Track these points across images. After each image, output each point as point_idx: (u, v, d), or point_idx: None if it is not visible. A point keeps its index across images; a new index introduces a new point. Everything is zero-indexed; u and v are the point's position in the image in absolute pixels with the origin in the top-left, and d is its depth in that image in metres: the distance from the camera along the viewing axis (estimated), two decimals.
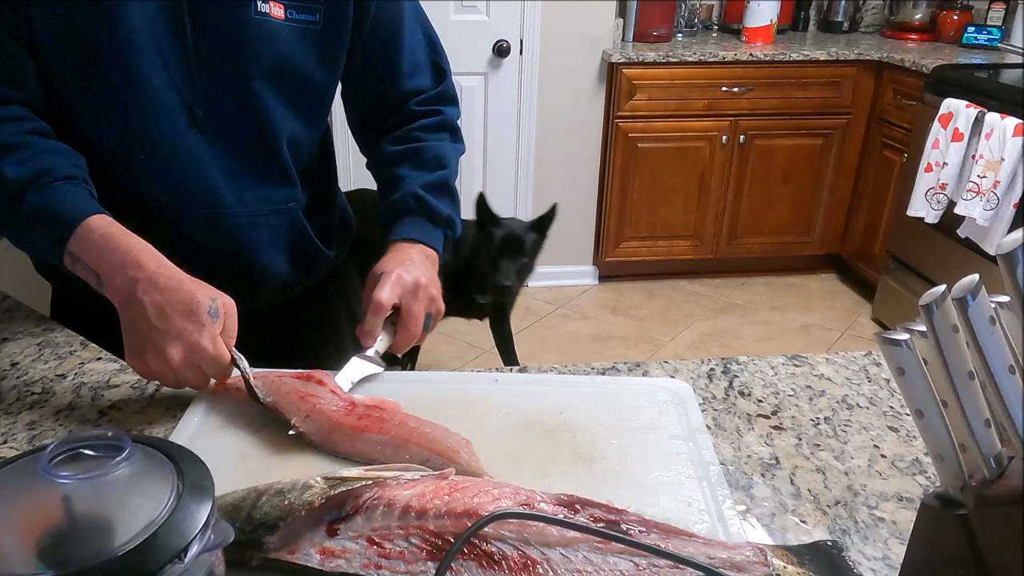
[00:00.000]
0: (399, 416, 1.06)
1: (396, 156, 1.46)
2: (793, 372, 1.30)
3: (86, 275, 1.14)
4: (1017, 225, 3.24)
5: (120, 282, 1.10)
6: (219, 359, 1.09)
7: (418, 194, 1.39)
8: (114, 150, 1.27)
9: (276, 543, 0.82)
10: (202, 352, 1.07)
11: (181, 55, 1.22)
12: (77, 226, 1.13)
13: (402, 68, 1.45)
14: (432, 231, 1.40)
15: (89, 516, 0.65)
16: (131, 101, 1.22)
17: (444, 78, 1.52)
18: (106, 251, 1.12)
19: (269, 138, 1.33)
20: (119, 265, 1.11)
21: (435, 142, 1.47)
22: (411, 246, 1.36)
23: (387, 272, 1.27)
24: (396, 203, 1.40)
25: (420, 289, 1.28)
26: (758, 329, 4.44)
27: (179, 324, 1.07)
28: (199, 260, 1.32)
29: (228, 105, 1.28)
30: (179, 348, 1.07)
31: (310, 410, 1.06)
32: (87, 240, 1.12)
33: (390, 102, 1.48)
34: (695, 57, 4.29)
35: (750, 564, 0.83)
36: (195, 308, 1.08)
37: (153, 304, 1.08)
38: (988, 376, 0.66)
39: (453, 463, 0.99)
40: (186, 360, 1.07)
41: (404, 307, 1.26)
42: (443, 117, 1.50)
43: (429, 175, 1.43)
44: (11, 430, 1.11)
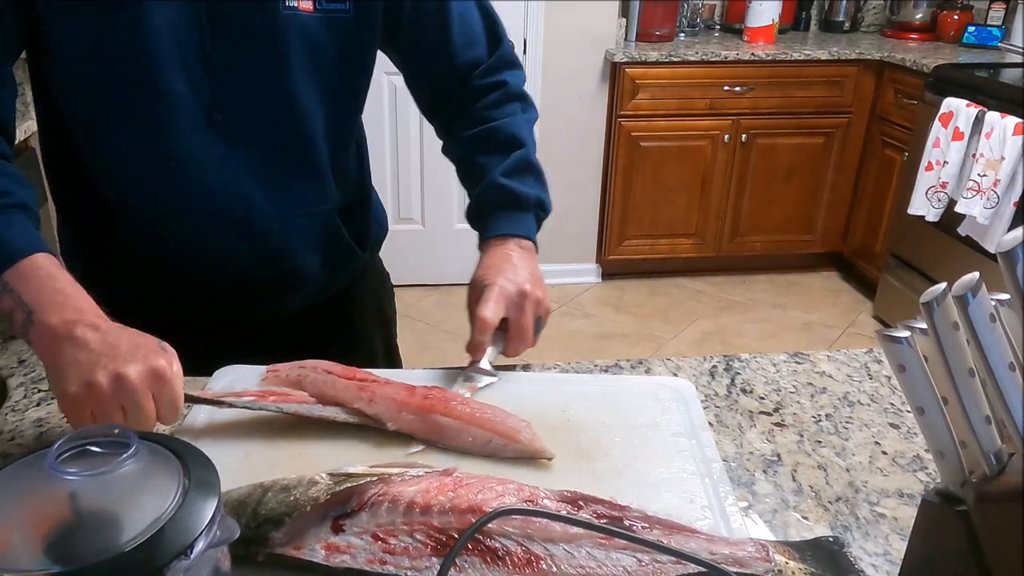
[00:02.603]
0: (458, 398, 1.09)
1: (470, 142, 1.42)
2: (795, 369, 1.30)
3: (12, 308, 1.03)
4: (1017, 223, 3.23)
5: (55, 321, 0.99)
6: (176, 386, 0.98)
7: (499, 183, 1.35)
8: (138, 159, 1.24)
9: (281, 539, 0.82)
10: (161, 373, 0.96)
11: (201, 59, 1.19)
12: (23, 258, 1.04)
13: (455, 42, 1.39)
14: (522, 219, 1.36)
15: (96, 512, 0.66)
16: (155, 110, 1.20)
17: (499, 44, 1.46)
18: (47, 290, 1.03)
19: (301, 137, 1.30)
20: (58, 305, 1.01)
21: (506, 119, 1.42)
22: (505, 242, 1.33)
23: (490, 284, 1.23)
24: (480, 198, 1.37)
25: (526, 298, 1.24)
26: (760, 327, 4.44)
27: (128, 349, 0.96)
28: (231, 266, 1.32)
29: (257, 106, 1.25)
30: (136, 367, 0.94)
31: (371, 395, 1.09)
32: (29, 274, 1.03)
33: (450, 80, 1.43)
34: (697, 56, 4.29)
35: (752, 560, 0.83)
36: (143, 341, 0.99)
37: (97, 339, 0.97)
38: (988, 373, 0.66)
39: (515, 443, 1.03)
40: (144, 380, 0.94)
41: (511, 320, 1.23)
42: (507, 88, 1.45)
43: (506, 159, 1.38)
44: (19, 427, 1.12)
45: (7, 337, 1.34)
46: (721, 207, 4.69)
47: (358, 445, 1.06)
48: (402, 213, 4.53)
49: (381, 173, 4.10)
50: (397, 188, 4.49)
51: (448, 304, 4.49)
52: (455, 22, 1.38)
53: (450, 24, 1.38)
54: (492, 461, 1.03)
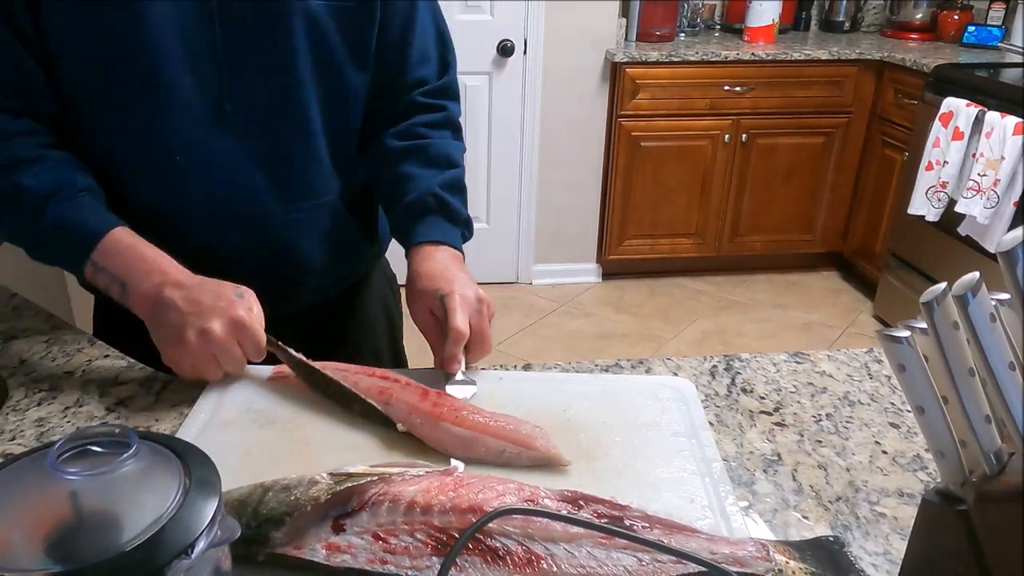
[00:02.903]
0: (469, 407, 1.08)
1: (400, 152, 1.40)
2: (795, 369, 1.30)
3: (108, 284, 1.17)
4: (1017, 223, 3.23)
5: (146, 287, 1.13)
6: (256, 330, 1.12)
7: (437, 193, 1.35)
8: (143, 157, 1.25)
9: (282, 538, 0.83)
10: (241, 322, 1.11)
11: (208, 52, 1.20)
12: (102, 237, 1.16)
13: (411, 55, 1.40)
14: (453, 231, 1.36)
15: (96, 512, 0.66)
16: (158, 103, 1.21)
17: (448, 71, 1.47)
18: (132, 260, 1.16)
19: (308, 128, 1.31)
20: (145, 272, 1.15)
21: (440, 139, 1.43)
22: (437, 249, 1.32)
23: (449, 294, 1.22)
24: (413, 203, 1.35)
25: (483, 304, 1.23)
26: (760, 326, 4.44)
27: (210, 304, 1.11)
28: (239, 260, 1.33)
29: (264, 98, 1.26)
30: (218, 322, 1.09)
31: (388, 398, 1.10)
32: (112, 250, 1.16)
33: (393, 90, 1.42)
34: (697, 56, 4.29)
35: (752, 559, 0.84)
36: (221, 292, 1.12)
37: (182, 297, 1.11)
38: (988, 373, 0.66)
39: (530, 450, 1.02)
40: (227, 332, 1.10)
41: (474, 327, 1.22)
42: (447, 113, 1.46)
43: (442, 173, 1.38)
44: (19, 427, 1.12)
45: (7, 337, 1.34)
46: (721, 207, 4.69)
47: (359, 446, 1.06)
48: None
49: None
50: None
51: None
52: (416, 35, 1.39)
53: (412, 35, 1.39)
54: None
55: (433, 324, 1.25)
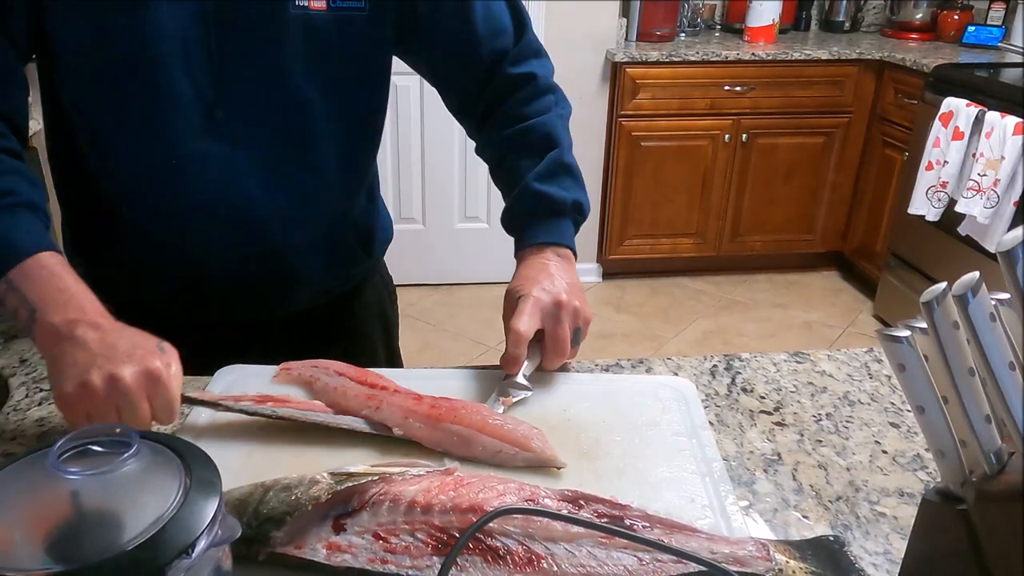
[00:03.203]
0: (469, 406, 1.07)
1: (505, 143, 1.38)
2: (795, 369, 1.30)
3: (16, 307, 1.04)
4: (1017, 223, 3.24)
5: (58, 319, 1.01)
6: (171, 388, 0.98)
7: (534, 190, 1.32)
8: (141, 159, 1.24)
9: (283, 538, 0.83)
10: (156, 374, 0.96)
11: (204, 58, 1.18)
12: (27, 256, 1.06)
13: (479, 32, 1.35)
14: (558, 225, 1.32)
15: (97, 512, 0.66)
16: (155, 106, 1.20)
17: (524, 32, 1.42)
18: (51, 289, 1.04)
19: (306, 137, 1.29)
20: (61, 304, 1.03)
21: (540, 118, 1.38)
22: (542, 251, 1.29)
23: (524, 296, 1.19)
24: (516, 206, 1.34)
25: (562, 308, 1.19)
26: (760, 326, 4.44)
27: (126, 350, 0.97)
28: (232, 265, 1.32)
29: (259, 105, 1.24)
30: (130, 369, 0.95)
31: (379, 403, 1.08)
32: (33, 273, 1.05)
33: (477, 72, 1.38)
34: (698, 56, 4.29)
35: (753, 559, 0.84)
36: (140, 341, 1.00)
37: (96, 338, 0.98)
38: (988, 373, 0.66)
39: (527, 451, 1.01)
40: (138, 382, 0.95)
41: (548, 331, 1.19)
42: (537, 81, 1.41)
43: (540, 161, 1.34)
44: (20, 427, 1.12)
45: (9, 337, 1.34)
46: (722, 207, 4.69)
47: (360, 445, 1.06)
48: (403, 213, 4.53)
49: (382, 173, 4.09)
50: (398, 188, 4.49)
51: (449, 304, 4.49)
52: (478, 11, 1.34)
53: (472, 13, 1.34)
54: None
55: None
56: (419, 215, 4.59)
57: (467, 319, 4.33)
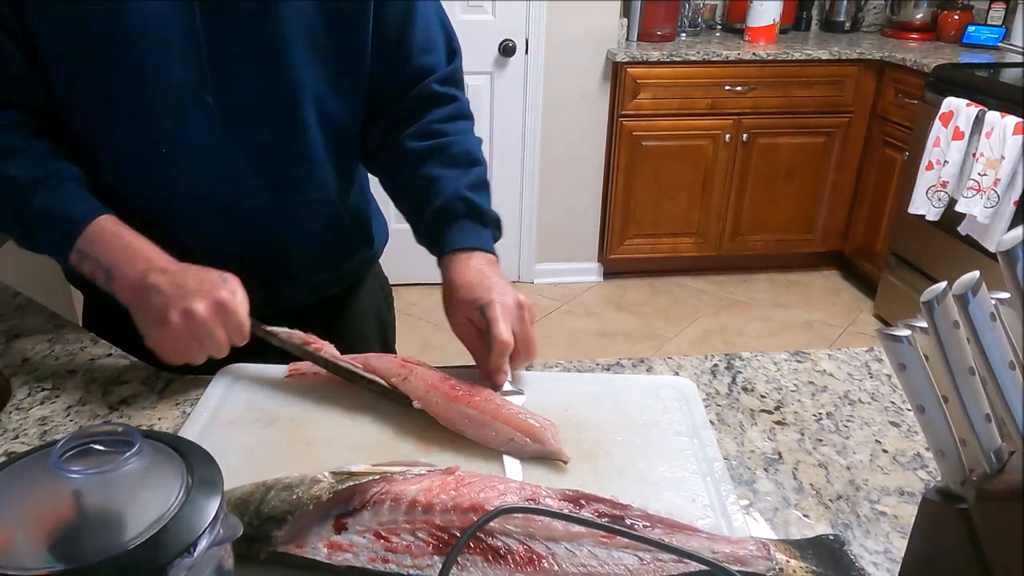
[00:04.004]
0: (486, 393, 1.10)
1: (421, 154, 1.36)
2: (796, 368, 1.30)
3: (93, 271, 1.16)
4: (1017, 223, 3.24)
5: (131, 273, 1.12)
6: (239, 312, 1.10)
7: (464, 196, 1.31)
8: (130, 149, 1.24)
9: (284, 537, 0.83)
10: (223, 303, 1.08)
11: (192, 45, 1.18)
12: (88, 224, 1.16)
13: (414, 43, 1.35)
14: (484, 233, 1.32)
15: (99, 510, 0.66)
16: (143, 96, 1.20)
17: (455, 58, 1.42)
18: (117, 247, 1.15)
19: (299, 123, 1.28)
20: (130, 259, 1.14)
21: (460, 136, 1.38)
22: (471, 256, 1.28)
23: (489, 303, 1.19)
24: (441, 209, 1.32)
25: (524, 309, 1.21)
26: (761, 325, 4.44)
27: (194, 286, 1.09)
28: (227, 252, 1.31)
29: (251, 92, 1.24)
30: (201, 303, 1.07)
31: (409, 373, 1.13)
32: (97, 237, 1.15)
33: (401, 82, 1.37)
34: (698, 56, 4.29)
35: (753, 558, 0.84)
36: (205, 276, 1.11)
37: (167, 281, 1.09)
38: (988, 372, 0.66)
39: (539, 442, 1.04)
40: (210, 312, 1.07)
41: (517, 334, 1.18)
42: (458, 104, 1.41)
43: (466, 173, 1.34)
44: (22, 426, 1.12)
45: (11, 336, 1.34)
46: (722, 206, 4.69)
47: (361, 444, 1.06)
48: None
49: None
50: None
51: None
52: (417, 24, 1.34)
53: (413, 24, 1.34)
54: (494, 461, 1.03)
55: (474, 334, 1.22)
56: None
57: None
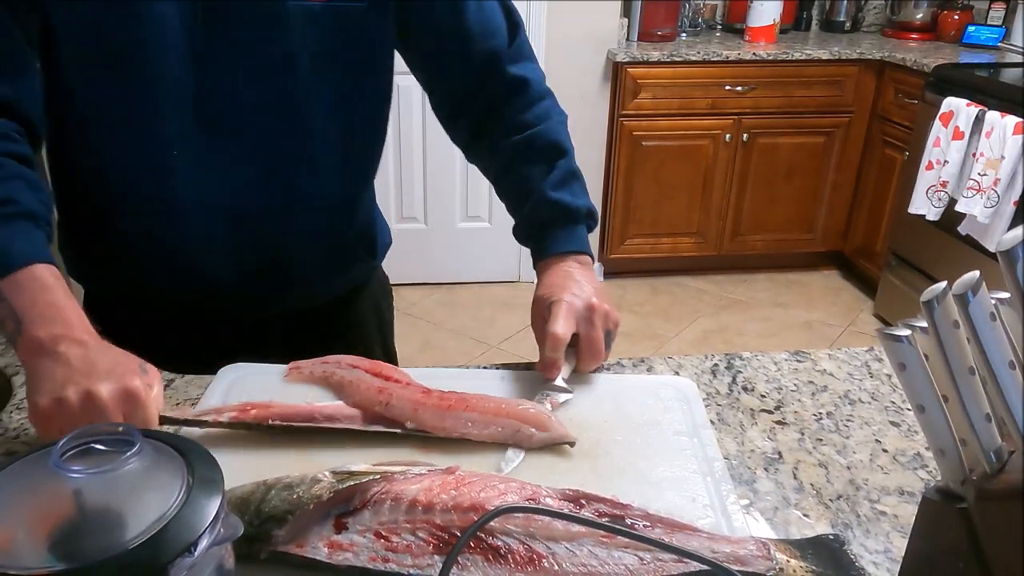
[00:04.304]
0: (476, 396, 1.09)
1: (510, 151, 1.37)
2: (796, 368, 1.30)
3: (5, 316, 1.03)
4: (1017, 222, 3.24)
5: (42, 333, 0.99)
6: (149, 409, 0.97)
7: (551, 199, 1.32)
8: (135, 152, 1.23)
9: (284, 536, 0.83)
10: (133, 393, 0.96)
11: (199, 52, 1.17)
12: (20, 268, 1.04)
13: (472, 30, 1.33)
14: (576, 233, 1.33)
15: (100, 510, 0.66)
16: (149, 100, 1.19)
17: (518, 32, 1.39)
18: (40, 303, 1.03)
19: (303, 132, 1.27)
20: (48, 318, 1.01)
21: (544, 124, 1.38)
22: (564, 260, 1.30)
23: (557, 300, 1.20)
24: (532, 214, 1.34)
25: (594, 312, 1.21)
26: (761, 325, 4.44)
27: (106, 367, 0.97)
28: (226, 261, 1.32)
29: (255, 99, 1.23)
30: (107, 386, 0.95)
31: (388, 398, 1.09)
32: (24, 285, 1.04)
33: (471, 74, 1.37)
34: (699, 56, 4.29)
35: (753, 558, 0.84)
36: (122, 360, 1.00)
37: (77, 355, 0.97)
38: (988, 372, 0.66)
39: (545, 430, 1.04)
40: (114, 400, 0.94)
41: (583, 335, 1.20)
42: (530, 86, 1.39)
43: (552, 169, 1.35)
44: (23, 425, 1.12)
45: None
46: (722, 206, 4.69)
47: (362, 445, 1.06)
48: (404, 212, 4.53)
49: (384, 172, 4.09)
50: (400, 187, 4.49)
51: (450, 303, 4.49)
52: (470, 8, 1.32)
53: (465, 10, 1.32)
54: (494, 460, 1.03)
55: (543, 330, 1.22)
56: (420, 214, 4.59)
57: (468, 318, 4.33)
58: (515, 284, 4.73)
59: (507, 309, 4.46)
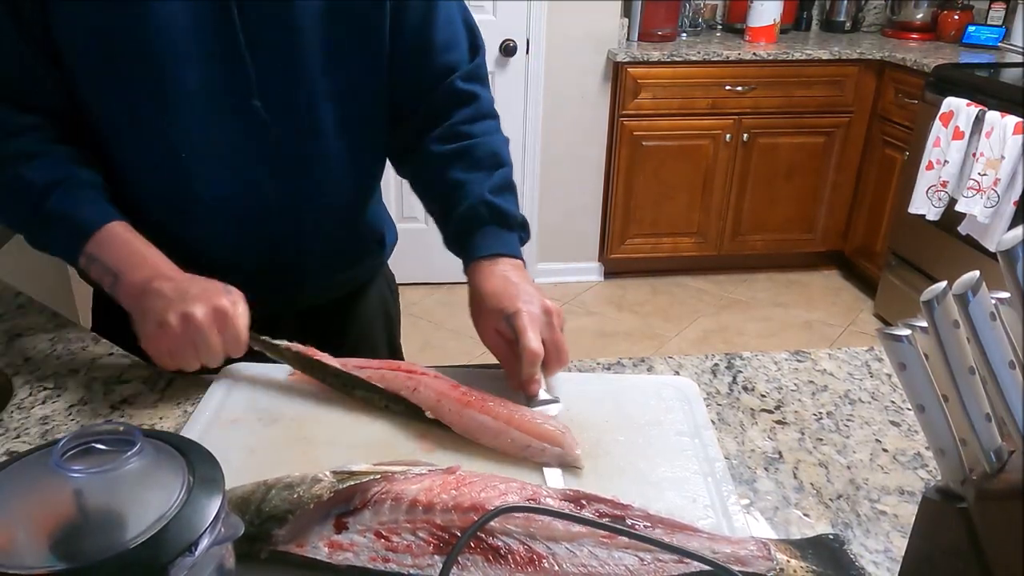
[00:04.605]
0: (498, 400, 1.09)
1: (446, 157, 1.35)
2: (796, 367, 1.30)
3: (101, 275, 1.17)
4: (1017, 222, 3.23)
5: (136, 277, 1.13)
6: (238, 323, 1.10)
7: (488, 200, 1.29)
8: (149, 151, 1.24)
9: (285, 536, 0.83)
10: (223, 311, 1.09)
11: (213, 49, 1.18)
12: (99, 228, 1.17)
13: (437, 41, 1.33)
14: (509, 238, 1.30)
15: (100, 510, 0.66)
16: (163, 99, 1.19)
17: (478, 54, 1.39)
18: (125, 253, 1.16)
19: (318, 127, 1.28)
20: (137, 265, 1.15)
21: (484, 137, 1.37)
22: (496, 263, 1.27)
23: (516, 312, 1.16)
24: (466, 215, 1.30)
25: (552, 315, 1.18)
26: (761, 325, 4.44)
27: (197, 293, 1.09)
28: (241, 254, 1.33)
29: (269, 94, 1.23)
30: (201, 307, 1.07)
31: (417, 384, 1.12)
32: (106, 242, 1.17)
33: (425, 81, 1.35)
34: (699, 56, 4.29)
35: (754, 558, 0.84)
36: (209, 285, 1.12)
37: (170, 288, 1.10)
38: (988, 371, 0.66)
39: (555, 447, 1.02)
40: (209, 318, 1.07)
41: (547, 341, 1.16)
42: (480, 103, 1.39)
43: (490, 176, 1.33)
44: (24, 425, 1.12)
45: (12, 335, 1.34)
46: (723, 206, 4.69)
47: (362, 444, 1.06)
48: (405, 212, 4.52)
49: (384, 172, 4.09)
50: (400, 187, 4.48)
51: (450, 302, 4.49)
52: (439, 22, 1.33)
53: (434, 23, 1.32)
54: (495, 460, 1.03)
55: (502, 343, 1.20)
56: (421, 214, 4.57)
57: (468, 318, 4.27)
58: None
59: None
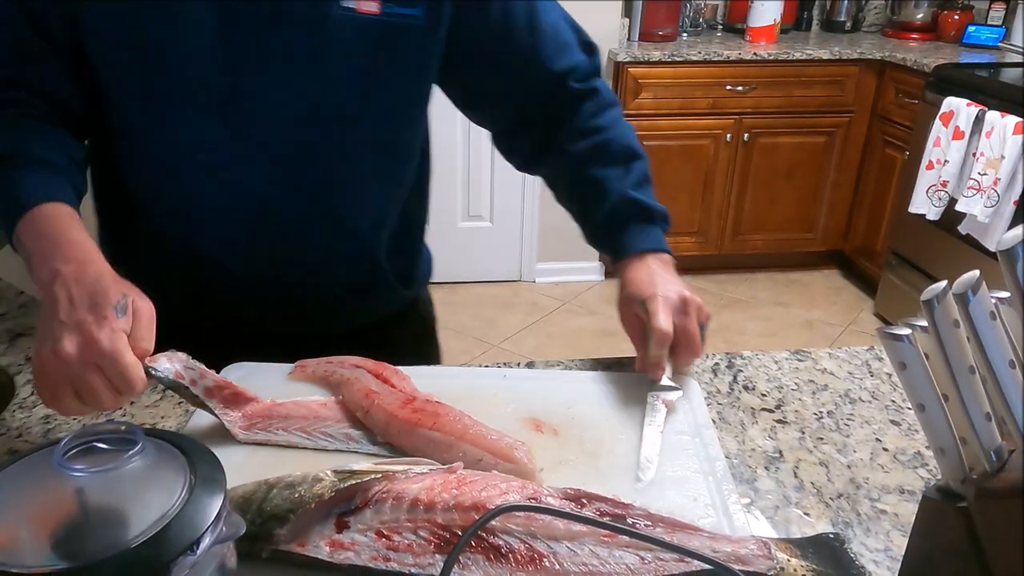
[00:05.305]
0: (454, 413, 1.04)
1: (583, 155, 1.35)
2: (796, 367, 1.30)
3: (26, 260, 1.05)
4: (1017, 222, 3.23)
5: (44, 273, 0.98)
6: (116, 357, 0.90)
7: (631, 197, 1.32)
8: (167, 155, 1.21)
9: (286, 535, 0.83)
10: (95, 346, 0.90)
11: (236, 56, 1.13)
12: (29, 210, 1.05)
13: (547, 51, 1.31)
14: (655, 232, 1.33)
15: (102, 509, 0.66)
16: (177, 105, 1.16)
17: (594, 51, 1.39)
18: (43, 239, 1.03)
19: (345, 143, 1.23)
20: (49, 256, 1.00)
21: (616, 130, 1.37)
22: (644, 258, 1.29)
23: (651, 296, 1.19)
24: (613, 213, 1.32)
25: (689, 305, 1.21)
26: (762, 324, 4.44)
27: (80, 316, 0.92)
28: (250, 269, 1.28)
29: (291, 110, 1.18)
30: (73, 341, 0.90)
31: (370, 405, 1.07)
32: (31, 224, 1.04)
33: (543, 89, 1.34)
34: (700, 56, 4.29)
35: (754, 558, 0.84)
36: (101, 301, 0.93)
37: (66, 297, 0.94)
38: (988, 371, 0.66)
39: (509, 462, 0.98)
40: (81, 356, 0.90)
41: (679, 328, 1.18)
42: (600, 95, 1.38)
43: (629, 171, 1.34)
44: (26, 424, 1.12)
45: (14, 335, 1.34)
46: (723, 206, 4.69)
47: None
48: None
49: None
50: None
51: (450, 302, 4.49)
52: (545, 31, 1.31)
53: (540, 33, 1.30)
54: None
55: (638, 327, 1.22)
56: None
57: (469, 317, 4.33)
58: (516, 284, 4.73)
59: (508, 308, 4.46)
